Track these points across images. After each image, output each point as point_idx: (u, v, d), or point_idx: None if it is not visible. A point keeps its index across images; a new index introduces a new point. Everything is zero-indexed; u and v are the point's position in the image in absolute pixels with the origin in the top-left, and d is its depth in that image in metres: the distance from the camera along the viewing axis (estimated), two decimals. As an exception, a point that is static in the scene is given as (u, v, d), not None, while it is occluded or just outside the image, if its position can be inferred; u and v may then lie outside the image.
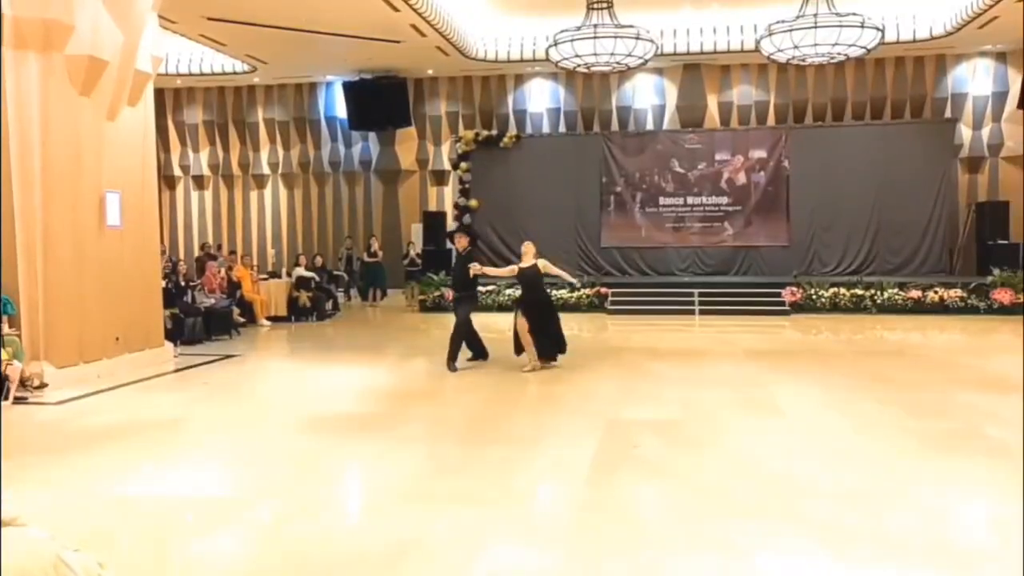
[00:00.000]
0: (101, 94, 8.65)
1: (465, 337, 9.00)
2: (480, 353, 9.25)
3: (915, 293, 14.27)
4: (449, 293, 15.56)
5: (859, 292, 14.46)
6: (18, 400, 7.26)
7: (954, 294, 14.16)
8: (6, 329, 7.43)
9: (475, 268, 8.91)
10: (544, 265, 8.95)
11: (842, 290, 14.54)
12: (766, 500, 4.47)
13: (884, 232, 16.38)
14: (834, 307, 14.37)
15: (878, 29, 12.38)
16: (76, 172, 8.41)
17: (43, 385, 7.70)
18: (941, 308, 14.05)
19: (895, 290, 14.41)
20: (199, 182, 20.17)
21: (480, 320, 9.56)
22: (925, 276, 15.35)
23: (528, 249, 9.04)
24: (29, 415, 6.97)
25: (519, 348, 8.74)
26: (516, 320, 8.75)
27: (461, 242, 9.40)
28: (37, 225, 8.08)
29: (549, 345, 8.77)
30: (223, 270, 13.34)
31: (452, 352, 8.85)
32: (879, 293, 14.38)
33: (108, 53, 8.56)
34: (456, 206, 17.90)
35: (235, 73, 17.71)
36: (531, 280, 8.92)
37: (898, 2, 14.66)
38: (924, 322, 13.24)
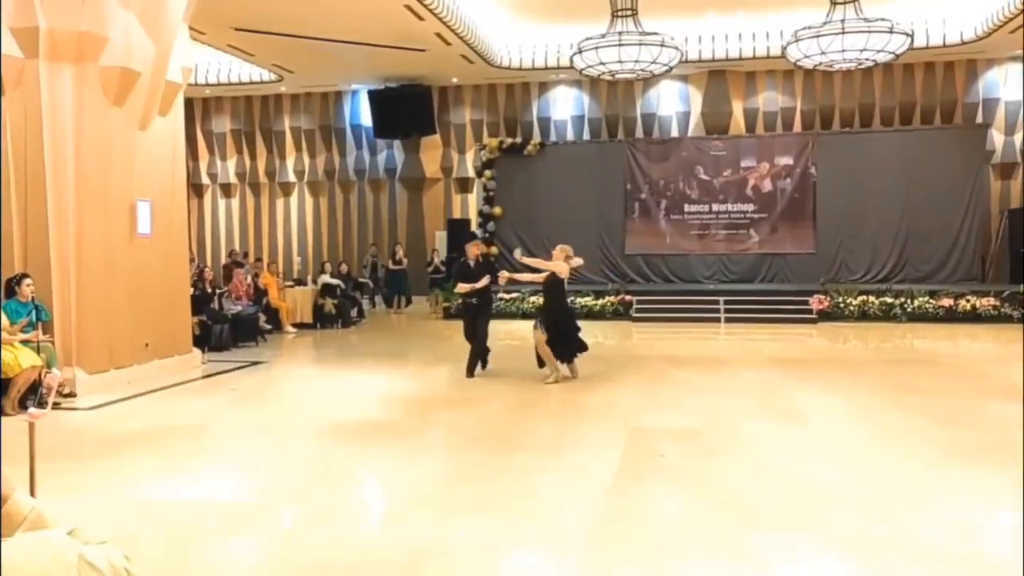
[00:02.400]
0: (133, 104, 8.80)
1: (482, 345, 8.98)
2: (485, 363, 9.16)
3: (946, 301, 14.05)
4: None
5: (888, 300, 14.28)
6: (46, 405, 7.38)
7: (987, 302, 13.93)
8: (40, 336, 7.57)
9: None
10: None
11: (871, 298, 14.37)
12: (790, 510, 4.44)
13: (913, 239, 16.16)
14: (863, 315, 14.21)
15: (907, 35, 12.24)
16: (108, 181, 8.56)
17: (72, 394, 7.83)
18: (973, 317, 13.83)
19: (926, 298, 14.20)
20: (226, 190, 20.42)
21: (503, 327, 9.58)
22: (956, 284, 15.12)
23: (560, 254, 8.77)
24: (60, 421, 7.10)
25: (541, 361, 8.63)
26: (536, 334, 8.53)
27: (473, 250, 9.25)
28: (70, 233, 8.24)
29: (567, 351, 8.65)
30: (250, 277, 13.49)
31: (471, 364, 8.92)
32: (909, 301, 14.19)
33: (140, 64, 8.71)
34: (480, 214, 17.96)
35: (262, 82, 17.94)
36: (556, 286, 8.75)
37: (928, 7, 14.50)
38: (955, 331, 13.03)
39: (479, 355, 8.99)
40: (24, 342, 7.35)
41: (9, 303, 7.54)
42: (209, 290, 12.11)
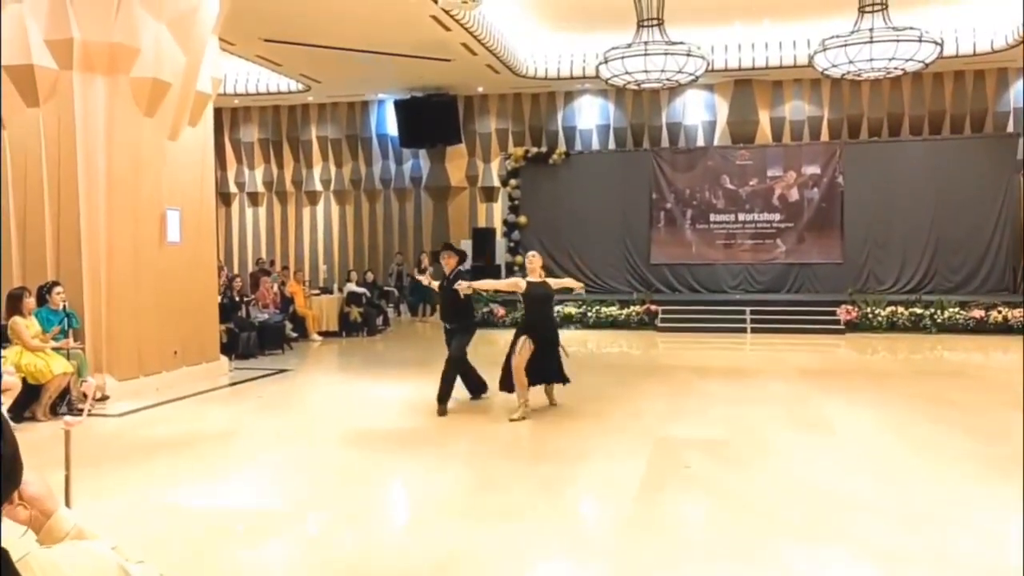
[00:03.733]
0: (163, 114, 8.94)
1: (460, 373, 7.82)
2: (478, 389, 8.07)
3: (977, 312, 13.82)
4: (499, 309, 15.68)
5: (918, 311, 14.08)
6: (80, 412, 7.49)
7: (1019, 314, 13.68)
8: (71, 343, 7.69)
9: (463, 286, 7.58)
10: (555, 282, 7.82)
11: (900, 308, 14.18)
12: (819, 521, 4.38)
13: (943, 249, 15.93)
14: (891, 326, 14.02)
15: (937, 43, 12.10)
16: (138, 190, 8.69)
17: (105, 397, 7.94)
18: (1005, 328, 13.59)
19: (956, 309, 13.98)
20: (254, 199, 20.63)
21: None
22: (988, 295, 14.87)
23: (534, 262, 7.61)
24: (91, 427, 7.19)
25: (508, 385, 7.31)
26: (513, 351, 7.22)
27: (449, 262, 8.03)
28: (101, 241, 8.37)
29: (543, 377, 7.42)
30: (276, 285, 13.61)
31: (443, 392, 7.60)
32: (939, 312, 13.98)
33: (171, 75, 8.85)
34: (505, 222, 17.98)
35: (290, 92, 18.12)
36: (540, 300, 7.48)
37: (958, 15, 14.33)
38: (987, 342, 12.81)
39: (451, 383, 7.66)
40: (55, 349, 7.46)
41: (41, 310, 7.67)
42: (236, 298, 12.23)
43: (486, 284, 8.43)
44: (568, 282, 8.31)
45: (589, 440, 6.50)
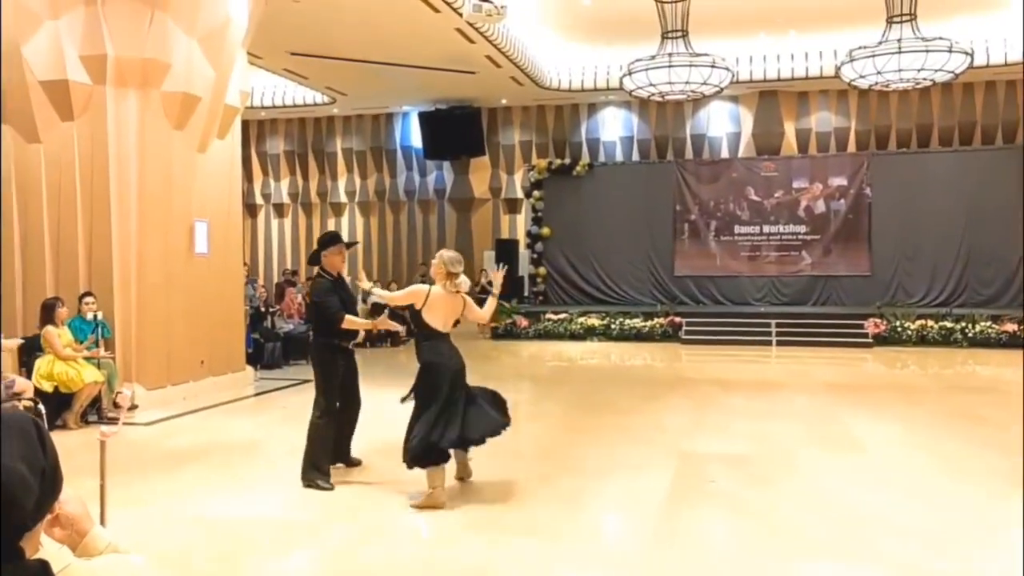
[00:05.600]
0: (193, 128, 9.08)
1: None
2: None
3: (1010, 326, 13.59)
4: (522, 320, 15.68)
5: (948, 324, 13.88)
6: (111, 420, 7.60)
7: (1052, 328, 13.45)
8: (102, 352, 7.81)
9: (361, 280, 6.00)
10: (468, 303, 5.39)
11: (930, 322, 13.98)
12: (846, 540, 4.32)
13: (974, 262, 15.69)
14: (921, 340, 13.83)
15: (967, 53, 11.97)
16: (168, 201, 8.83)
17: (135, 406, 8.04)
18: (1037, 342, 13.36)
19: (988, 323, 13.77)
20: (279, 210, 20.85)
21: (551, 349, 9.38)
22: (1020, 309, 14.62)
23: (440, 270, 5.26)
24: (120, 435, 7.28)
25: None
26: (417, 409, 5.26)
27: (336, 260, 5.85)
28: (132, 252, 8.50)
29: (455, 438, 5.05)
30: (301, 296, 13.72)
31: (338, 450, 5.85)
32: (970, 326, 13.77)
33: (201, 89, 8.99)
34: (528, 234, 18.02)
35: (315, 105, 18.32)
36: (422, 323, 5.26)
37: (988, 25, 14.17)
38: (1019, 358, 12.59)
39: (348, 437, 6.04)
40: (86, 358, 7.58)
41: (74, 320, 7.81)
42: (262, 308, 12.34)
43: (385, 297, 6.31)
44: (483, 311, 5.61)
45: (613, 454, 6.47)
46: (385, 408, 8.97)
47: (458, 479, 5.43)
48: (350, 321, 5.69)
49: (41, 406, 6.68)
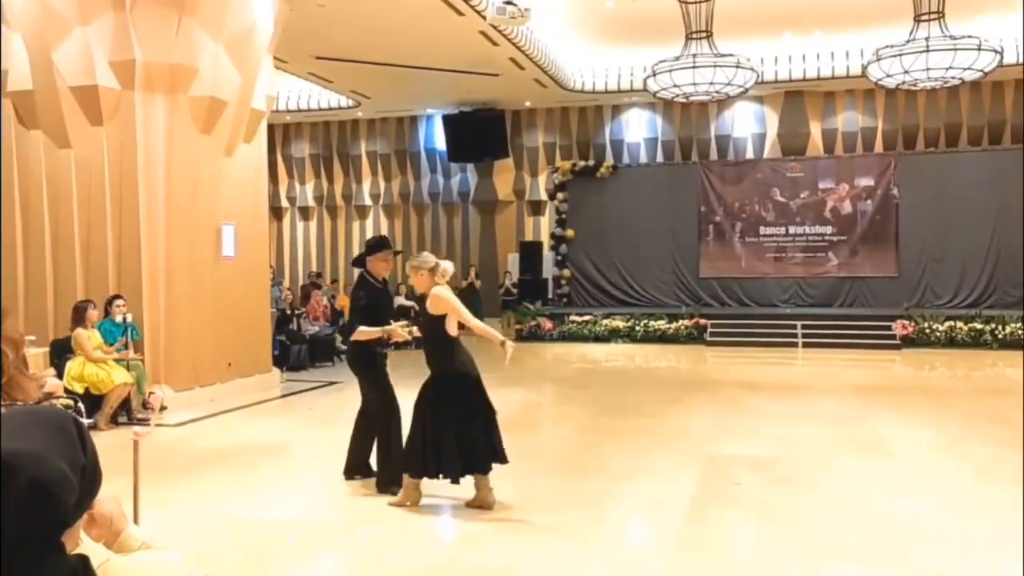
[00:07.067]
0: (220, 132, 9.18)
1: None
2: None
3: (1040, 328, 13.38)
4: (546, 322, 15.66)
5: (978, 326, 13.68)
6: (141, 422, 7.71)
7: (1084, 329, 13.20)
8: (131, 354, 7.92)
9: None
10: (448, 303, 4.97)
11: (959, 324, 13.78)
12: (875, 545, 4.27)
13: (1004, 263, 15.44)
14: (950, 342, 13.64)
15: (996, 51, 11.79)
16: (196, 205, 8.94)
17: (164, 407, 8.15)
18: (1070, 344, 13.12)
19: (1018, 324, 13.55)
20: (304, 213, 21.01)
21: (576, 351, 9.42)
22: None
23: (424, 277, 5.01)
24: (151, 436, 7.38)
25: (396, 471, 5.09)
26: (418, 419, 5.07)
27: (382, 267, 5.58)
28: (160, 255, 8.62)
29: (457, 464, 4.82)
30: (326, 299, 13.82)
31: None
32: (1000, 327, 13.56)
33: (227, 93, 9.09)
34: (552, 236, 18.01)
35: (340, 108, 18.44)
36: (428, 328, 5.14)
37: (1016, 23, 13.94)
38: (1050, 359, 12.38)
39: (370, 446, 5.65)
40: (116, 360, 7.69)
41: (105, 322, 7.92)
42: (288, 311, 12.45)
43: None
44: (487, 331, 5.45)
45: (636, 456, 6.45)
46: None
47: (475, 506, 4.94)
48: (361, 332, 5.40)
49: (80, 404, 6.78)
